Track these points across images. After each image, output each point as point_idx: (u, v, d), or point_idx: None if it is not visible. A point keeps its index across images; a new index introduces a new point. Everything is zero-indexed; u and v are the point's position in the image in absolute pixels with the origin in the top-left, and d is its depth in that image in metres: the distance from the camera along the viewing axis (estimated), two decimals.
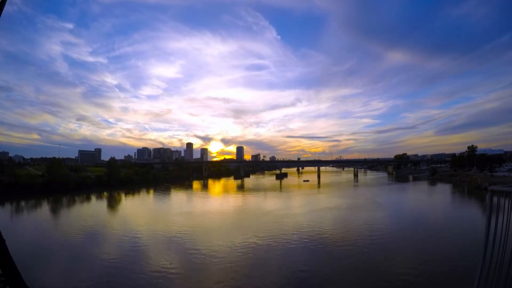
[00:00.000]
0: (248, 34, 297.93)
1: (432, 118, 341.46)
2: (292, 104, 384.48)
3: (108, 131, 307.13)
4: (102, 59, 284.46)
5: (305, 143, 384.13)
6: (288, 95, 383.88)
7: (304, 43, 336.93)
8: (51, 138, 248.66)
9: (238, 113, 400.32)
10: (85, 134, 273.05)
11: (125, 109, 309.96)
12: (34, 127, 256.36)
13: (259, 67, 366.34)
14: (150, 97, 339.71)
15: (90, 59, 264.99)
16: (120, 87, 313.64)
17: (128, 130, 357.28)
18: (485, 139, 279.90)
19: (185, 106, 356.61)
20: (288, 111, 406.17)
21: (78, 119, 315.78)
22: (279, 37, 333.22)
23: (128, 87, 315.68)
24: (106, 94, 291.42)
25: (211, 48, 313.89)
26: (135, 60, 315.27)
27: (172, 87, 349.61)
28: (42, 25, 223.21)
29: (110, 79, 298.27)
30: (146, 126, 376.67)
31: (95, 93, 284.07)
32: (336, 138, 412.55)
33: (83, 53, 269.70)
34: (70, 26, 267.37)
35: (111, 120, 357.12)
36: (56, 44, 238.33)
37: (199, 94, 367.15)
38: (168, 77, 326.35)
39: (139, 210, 52.71)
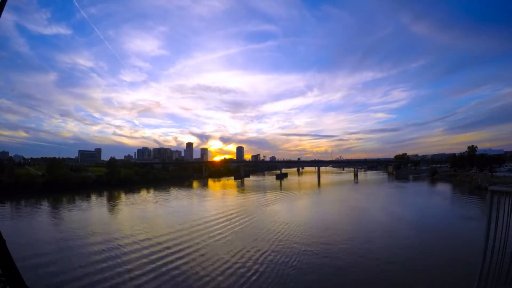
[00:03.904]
0: None
1: (449, 113, 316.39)
2: (301, 93, 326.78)
3: (95, 128, 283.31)
4: (62, 30, 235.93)
5: (309, 143, 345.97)
6: (296, 80, 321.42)
7: None
8: (39, 136, 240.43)
9: (237, 106, 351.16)
10: (73, 131, 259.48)
11: (108, 101, 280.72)
12: (18, 124, 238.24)
13: (263, 36, 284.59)
14: (133, 85, 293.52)
15: (49, 30, 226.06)
16: (96, 71, 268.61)
17: (118, 127, 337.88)
18: (492, 138, 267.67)
19: (175, 97, 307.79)
20: (295, 103, 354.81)
21: (61, 115, 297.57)
22: None
23: (106, 71, 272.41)
24: (83, 82, 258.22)
25: (200, 5, 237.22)
26: (103, 28, 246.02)
27: (157, 69, 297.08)
28: None
29: (83, 61, 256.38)
30: (136, 122, 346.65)
31: (70, 81, 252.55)
32: (341, 137, 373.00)
33: (39, 23, 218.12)
34: None
35: (96, 115, 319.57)
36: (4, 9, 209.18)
37: (188, 79, 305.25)
38: (150, 54, 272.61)
39: (131, 214, 52.48)
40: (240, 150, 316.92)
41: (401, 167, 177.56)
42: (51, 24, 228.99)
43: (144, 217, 45.22)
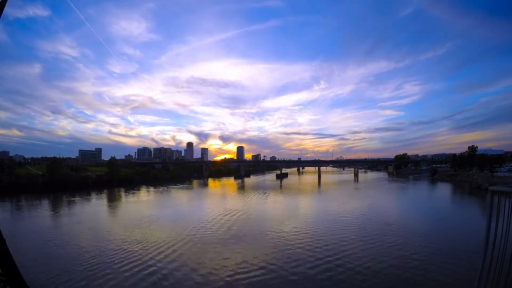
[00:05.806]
0: None
1: (457, 111, 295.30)
2: (306, 86, 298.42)
3: (89, 126, 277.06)
4: (38, 11, 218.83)
5: (311, 142, 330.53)
6: (301, 70, 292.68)
7: None
8: (34, 134, 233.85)
9: (236, 101, 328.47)
10: (68, 129, 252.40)
11: (99, 96, 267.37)
12: (9, 121, 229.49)
13: (266, 14, 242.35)
14: (123, 77, 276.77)
15: (25, 12, 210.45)
16: (81, 61, 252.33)
17: (113, 125, 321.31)
18: (496, 138, 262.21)
19: (169, 91, 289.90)
20: (299, 98, 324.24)
21: (53, 112, 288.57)
22: None
23: (93, 61, 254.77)
24: (69, 74, 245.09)
25: None
26: (82, 7, 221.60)
27: (148, 57, 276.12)
28: None
29: (65, 48, 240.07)
30: (131, 119, 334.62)
31: (56, 73, 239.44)
32: (344, 136, 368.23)
33: (13, 3, 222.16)
34: None
35: (88, 112, 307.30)
36: None
37: (182, 70, 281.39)
38: (138, 39, 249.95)
39: (125, 215, 52.55)
40: (240, 150, 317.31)
41: (401, 167, 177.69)
42: (26, 5, 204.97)
43: (128, 224, 45.28)
